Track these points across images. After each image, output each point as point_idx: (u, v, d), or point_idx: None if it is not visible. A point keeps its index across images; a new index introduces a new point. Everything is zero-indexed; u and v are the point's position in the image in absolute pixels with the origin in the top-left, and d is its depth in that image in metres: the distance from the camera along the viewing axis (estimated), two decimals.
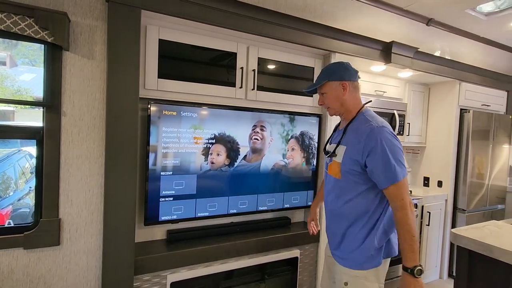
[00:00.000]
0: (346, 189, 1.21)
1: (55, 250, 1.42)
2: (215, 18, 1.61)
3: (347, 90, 1.24)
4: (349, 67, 1.27)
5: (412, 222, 1.08)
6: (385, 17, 2.33)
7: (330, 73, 1.26)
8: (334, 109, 1.29)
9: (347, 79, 1.24)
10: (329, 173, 1.30)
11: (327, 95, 1.28)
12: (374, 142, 1.11)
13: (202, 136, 1.72)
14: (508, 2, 2.27)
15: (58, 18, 1.30)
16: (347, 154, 1.19)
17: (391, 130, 1.17)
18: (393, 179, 1.10)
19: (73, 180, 1.44)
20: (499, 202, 3.08)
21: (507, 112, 3.22)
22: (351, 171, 1.18)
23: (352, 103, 1.26)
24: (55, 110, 1.39)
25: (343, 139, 1.24)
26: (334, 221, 1.29)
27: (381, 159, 1.10)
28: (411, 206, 1.11)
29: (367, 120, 1.20)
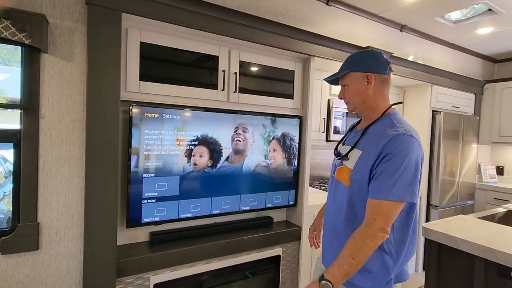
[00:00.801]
0: (356, 201, 1.02)
1: (34, 254, 1.39)
2: (197, 22, 1.64)
3: (372, 84, 1.04)
4: (379, 56, 1.06)
5: (361, 245, 0.91)
6: (361, 23, 2.45)
7: (355, 62, 1.07)
8: (353, 104, 1.09)
9: (374, 70, 1.03)
10: (337, 178, 1.12)
11: (348, 87, 1.08)
12: (392, 148, 0.92)
13: (184, 138, 1.74)
14: (473, 11, 2.43)
15: (36, 20, 1.29)
16: (362, 161, 1.01)
17: (419, 143, 0.98)
18: (386, 194, 0.91)
19: (52, 183, 1.42)
20: (469, 198, 3.28)
21: (475, 114, 3.43)
22: (363, 181, 0.99)
23: (377, 101, 1.06)
24: (33, 113, 1.37)
25: (360, 143, 1.05)
26: (336, 237, 1.09)
27: (390, 167, 0.91)
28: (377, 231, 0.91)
29: (393, 124, 0.99)
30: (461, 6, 2.28)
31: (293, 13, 2.08)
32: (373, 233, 0.91)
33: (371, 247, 0.92)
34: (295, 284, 2.15)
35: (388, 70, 1.06)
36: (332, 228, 1.12)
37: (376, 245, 0.92)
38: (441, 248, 1.56)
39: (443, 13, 2.41)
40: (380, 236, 0.92)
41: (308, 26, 2.12)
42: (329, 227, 1.14)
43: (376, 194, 0.93)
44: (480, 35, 2.85)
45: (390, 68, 1.07)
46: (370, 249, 0.92)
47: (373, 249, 0.92)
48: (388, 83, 1.07)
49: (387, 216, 0.92)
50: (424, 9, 2.35)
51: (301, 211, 2.15)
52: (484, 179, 3.44)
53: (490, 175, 3.48)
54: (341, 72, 1.09)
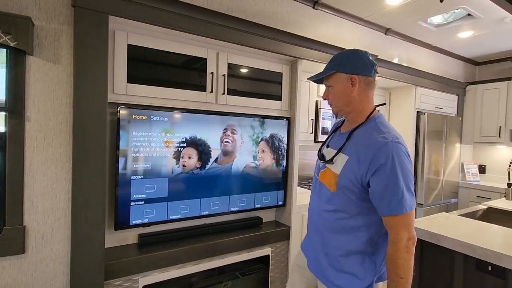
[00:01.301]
0: (344, 207, 1.02)
1: (20, 258, 1.38)
2: (184, 25, 1.66)
3: (356, 87, 1.02)
4: (364, 57, 1.04)
5: (402, 262, 0.93)
6: (347, 26, 2.50)
7: (340, 63, 1.04)
8: (337, 106, 1.08)
9: (359, 72, 1.02)
10: (322, 181, 1.11)
11: (333, 89, 1.06)
12: (384, 159, 0.92)
13: (173, 139, 1.75)
14: (454, 16, 2.52)
15: (21, 23, 1.28)
16: (349, 167, 0.99)
17: (406, 148, 0.98)
18: (398, 209, 0.92)
19: (39, 186, 1.41)
20: (453, 196, 3.38)
21: (458, 114, 3.54)
22: (351, 187, 0.99)
23: (361, 103, 1.04)
24: (18, 115, 1.36)
25: (346, 147, 1.04)
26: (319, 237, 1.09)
27: (389, 182, 0.92)
28: (406, 243, 0.93)
29: (379, 129, 0.99)
30: (442, 11, 2.36)
31: (280, 16, 2.12)
32: (404, 245, 0.93)
33: (410, 258, 0.94)
34: (284, 283, 2.18)
35: (373, 72, 1.04)
36: (316, 229, 1.12)
37: (412, 253, 0.94)
38: (423, 245, 1.61)
39: (425, 17, 2.49)
40: (411, 244, 0.94)
41: (295, 29, 2.16)
42: (313, 228, 1.15)
43: (389, 211, 0.94)
44: (461, 38, 2.96)
45: (376, 70, 1.05)
46: (410, 259, 0.94)
47: (412, 258, 0.95)
48: (373, 85, 1.05)
49: (407, 226, 0.94)
50: (407, 13, 2.43)
51: (290, 211, 2.18)
52: (467, 177, 3.56)
53: (472, 174, 3.60)
54: (326, 72, 1.07)
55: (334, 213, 1.04)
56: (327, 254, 1.06)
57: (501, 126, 3.31)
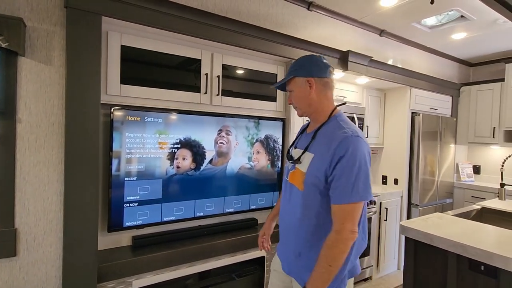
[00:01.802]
0: (310, 205, 1.05)
1: (11, 261, 1.36)
2: (178, 26, 1.65)
3: (313, 88, 1.09)
4: (319, 61, 1.11)
5: (337, 252, 0.95)
6: (342, 27, 2.51)
7: (297, 68, 1.12)
8: (301, 109, 1.15)
9: (315, 75, 1.09)
10: (290, 181, 1.15)
11: (294, 93, 1.13)
12: (344, 151, 0.97)
13: (167, 141, 1.74)
14: (447, 17, 2.54)
15: (13, 24, 1.27)
16: (314, 164, 1.04)
17: (366, 142, 1.03)
18: (347, 198, 0.96)
19: (30, 189, 1.40)
20: (448, 196, 3.40)
21: (452, 115, 3.57)
22: (317, 184, 1.03)
23: (321, 104, 1.11)
24: (9, 117, 1.35)
25: (311, 146, 1.09)
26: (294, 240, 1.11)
27: (344, 172, 0.96)
28: (347, 235, 0.95)
29: (340, 126, 1.05)
30: (435, 13, 2.38)
31: (275, 18, 2.12)
32: (345, 237, 0.96)
33: (345, 251, 0.97)
34: None
35: (328, 74, 1.11)
36: (287, 231, 1.14)
37: (349, 247, 0.97)
38: (417, 245, 1.62)
39: (419, 19, 2.51)
40: (351, 238, 0.97)
41: (290, 30, 2.17)
42: (285, 231, 1.17)
43: (339, 199, 0.98)
44: (455, 40, 2.98)
45: (331, 71, 1.11)
46: (345, 252, 0.97)
47: (347, 251, 0.97)
48: (330, 85, 1.12)
49: (353, 218, 0.97)
50: (401, 15, 2.44)
51: None
52: (462, 178, 3.58)
53: (467, 174, 3.62)
54: (286, 78, 1.14)
55: (303, 213, 1.07)
56: (301, 254, 1.08)
57: (495, 127, 3.34)
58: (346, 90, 2.81)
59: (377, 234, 2.81)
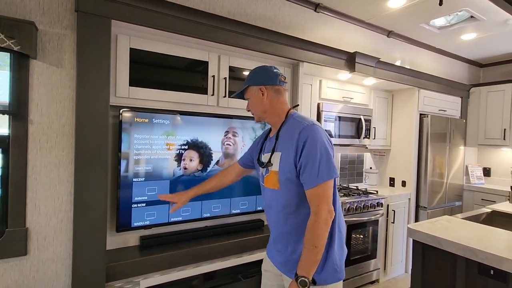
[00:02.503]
0: (288, 200, 1.13)
1: (22, 260, 1.39)
2: (186, 29, 1.67)
3: (265, 95, 1.19)
4: (269, 70, 1.21)
5: (320, 233, 1.02)
6: (349, 29, 2.50)
7: (251, 78, 1.22)
8: (257, 115, 1.24)
9: (266, 83, 1.19)
10: (267, 185, 1.21)
11: (250, 100, 1.24)
12: (305, 138, 1.06)
13: (174, 142, 1.76)
14: (457, 18, 2.51)
15: (25, 27, 1.30)
16: (284, 160, 1.12)
17: (322, 129, 1.13)
18: (316, 179, 1.04)
19: (41, 188, 1.43)
20: (457, 199, 3.34)
21: (462, 116, 3.51)
22: (290, 177, 1.10)
23: (276, 108, 1.20)
24: (21, 118, 1.38)
25: (277, 146, 1.17)
26: (283, 239, 1.17)
27: (308, 156, 1.05)
28: (325, 215, 1.03)
29: (297, 121, 1.15)
30: (444, 13, 2.35)
31: (282, 20, 2.13)
32: (324, 217, 1.03)
33: (326, 229, 1.04)
34: None
35: (278, 81, 1.20)
36: (276, 232, 1.21)
37: (329, 225, 1.05)
38: (425, 248, 1.60)
39: (427, 19, 2.48)
40: (330, 217, 1.04)
41: (296, 32, 2.17)
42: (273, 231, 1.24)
43: (310, 184, 1.05)
44: (464, 40, 2.94)
45: (281, 79, 1.20)
46: (326, 231, 1.04)
47: (328, 230, 1.05)
48: (281, 92, 1.21)
49: (326, 197, 1.05)
50: (409, 16, 2.42)
51: None
52: (471, 180, 3.52)
53: (477, 177, 3.56)
54: (242, 88, 1.24)
55: (285, 209, 1.14)
56: (290, 249, 1.14)
57: (506, 129, 3.28)
58: (353, 91, 2.80)
59: (384, 237, 2.79)
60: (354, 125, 2.75)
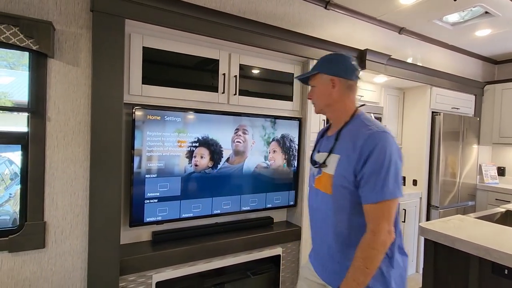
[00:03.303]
0: (340, 208, 1.02)
1: (40, 252, 1.44)
2: (197, 27, 1.69)
3: (336, 88, 1.05)
4: (346, 61, 1.07)
5: (375, 254, 0.91)
6: (359, 26, 2.48)
7: (324, 64, 1.08)
8: (319, 106, 1.12)
9: (340, 75, 1.05)
10: (317, 187, 1.11)
11: (315, 89, 1.10)
12: (372, 147, 0.93)
13: (186, 139, 1.78)
14: (471, 14, 2.46)
15: (43, 27, 1.34)
16: (341, 165, 1.00)
17: (393, 138, 0.98)
18: (380, 195, 0.92)
19: (58, 184, 1.48)
20: (470, 199, 3.28)
21: (475, 115, 3.44)
22: (346, 185, 0.99)
23: (343, 105, 1.07)
24: (40, 116, 1.42)
25: (336, 147, 1.05)
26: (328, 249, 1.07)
27: (374, 168, 0.93)
28: (385, 236, 0.91)
29: (364, 124, 1.01)
30: (457, 9, 2.31)
31: (292, 17, 2.13)
32: (382, 238, 0.92)
33: (382, 252, 0.93)
34: (295, 283, 2.18)
35: (354, 77, 1.07)
36: (321, 239, 1.11)
37: (386, 248, 0.93)
38: (437, 248, 1.58)
39: (440, 15, 2.44)
40: (389, 239, 0.93)
41: (306, 29, 2.17)
42: (318, 238, 1.14)
43: (371, 198, 0.94)
44: (478, 37, 2.88)
45: (357, 75, 1.07)
46: (382, 254, 0.93)
47: (384, 253, 0.93)
48: (354, 89, 1.08)
49: (388, 217, 0.93)
50: (421, 12, 2.38)
51: (301, 211, 2.18)
52: (485, 180, 3.45)
53: (491, 176, 3.48)
54: (310, 72, 1.11)
55: (335, 217, 1.03)
56: (337, 260, 1.04)
57: None
58: (364, 89, 2.77)
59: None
60: None
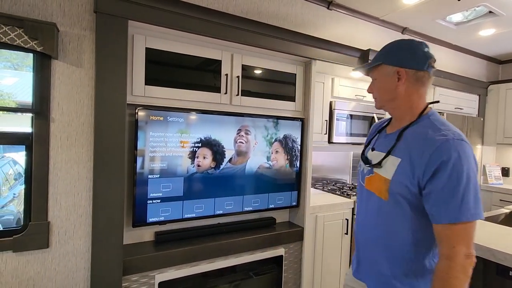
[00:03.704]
0: (398, 217, 0.90)
1: (44, 252, 1.45)
2: (200, 28, 1.69)
3: (402, 81, 0.91)
4: (417, 48, 0.91)
5: (457, 284, 0.78)
6: (362, 26, 2.48)
7: (387, 54, 0.93)
8: (381, 101, 0.99)
9: (408, 66, 0.90)
10: (369, 188, 0.99)
11: (377, 81, 0.97)
12: (446, 156, 0.80)
13: (188, 140, 1.79)
14: (474, 13, 2.45)
15: (47, 29, 1.35)
16: (402, 171, 0.88)
17: (472, 148, 0.85)
18: (457, 216, 0.78)
19: (62, 184, 1.48)
20: None
21: (479, 115, 3.42)
22: (406, 195, 0.87)
23: (410, 100, 0.93)
24: (44, 117, 1.43)
25: (397, 148, 0.92)
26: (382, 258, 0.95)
27: (449, 183, 0.79)
28: (463, 261, 0.78)
29: (436, 127, 0.87)
30: (461, 9, 2.29)
31: (294, 18, 2.13)
32: (461, 264, 0.79)
33: (466, 281, 0.80)
34: (298, 284, 2.18)
35: (427, 67, 0.90)
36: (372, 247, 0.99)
37: (469, 275, 0.80)
38: None
39: (444, 15, 2.43)
40: (469, 263, 0.80)
41: (309, 30, 2.17)
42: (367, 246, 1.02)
43: (444, 218, 0.81)
44: (482, 36, 2.86)
45: (431, 63, 0.90)
46: (466, 282, 0.80)
47: (468, 282, 0.81)
48: (425, 81, 0.92)
49: (467, 240, 0.80)
50: (425, 12, 2.37)
51: (303, 212, 2.18)
52: (489, 180, 3.43)
53: (495, 177, 3.46)
54: (372, 64, 0.97)
55: (391, 227, 0.91)
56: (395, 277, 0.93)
57: None
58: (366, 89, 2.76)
59: None
60: (366, 123, 2.72)
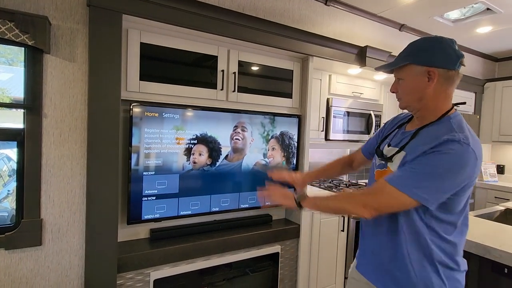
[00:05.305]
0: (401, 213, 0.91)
1: (37, 250, 1.43)
2: (196, 23, 1.67)
3: (434, 81, 0.86)
4: (447, 46, 0.86)
5: (346, 208, 0.93)
6: (360, 22, 2.46)
7: (417, 52, 0.89)
8: (407, 102, 0.94)
9: (440, 65, 0.85)
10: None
11: (403, 82, 0.92)
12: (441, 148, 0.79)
13: (184, 136, 1.77)
14: (472, 10, 2.44)
15: (38, 22, 1.32)
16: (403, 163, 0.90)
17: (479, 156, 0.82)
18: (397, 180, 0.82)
19: (55, 181, 1.46)
20: None
21: (475, 112, 3.43)
22: None
23: (436, 100, 0.89)
24: (36, 112, 1.41)
25: (409, 145, 0.91)
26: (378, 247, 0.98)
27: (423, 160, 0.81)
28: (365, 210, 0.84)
29: (451, 128, 0.84)
30: (459, 6, 2.29)
31: (292, 13, 2.11)
32: (362, 208, 0.85)
33: (350, 211, 0.95)
34: (294, 281, 2.18)
35: (458, 66, 0.86)
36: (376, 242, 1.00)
37: (353, 214, 0.95)
38: None
39: (441, 12, 2.42)
40: (366, 212, 0.85)
41: (306, 26, 2.15)
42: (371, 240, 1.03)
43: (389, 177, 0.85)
44: (480, 34, 2.86)
45: (461, 62, 0.87)
46: (348, 212, 0.96)
47: (346, 213, 0.98)
48: (454, 80, 0.88)
49: (384, 203, 0.84)
50: (422, 9, 2.36)
51: None
52: (484, 178, 3.45)
53: (490, 174, 3.48)
54: (398, 63, 0.92)
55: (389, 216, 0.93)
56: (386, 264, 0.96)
57: None
58: (363, 86, 2.76)
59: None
60: (363, 120, 2.71)
